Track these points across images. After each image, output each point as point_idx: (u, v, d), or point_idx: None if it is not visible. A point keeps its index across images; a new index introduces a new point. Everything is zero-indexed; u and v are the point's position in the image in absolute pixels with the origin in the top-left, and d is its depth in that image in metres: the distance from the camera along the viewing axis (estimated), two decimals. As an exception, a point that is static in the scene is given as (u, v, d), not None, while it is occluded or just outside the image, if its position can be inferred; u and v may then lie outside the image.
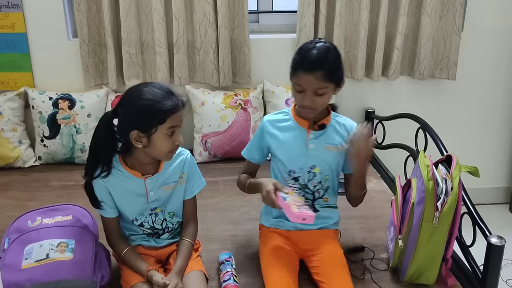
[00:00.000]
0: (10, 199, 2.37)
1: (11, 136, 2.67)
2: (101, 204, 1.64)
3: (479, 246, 1.74)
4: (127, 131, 1.54)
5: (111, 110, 1.59)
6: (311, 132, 1.78)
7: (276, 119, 1.84)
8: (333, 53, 1.66)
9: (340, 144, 1.79)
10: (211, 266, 1.82)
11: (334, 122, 1.81)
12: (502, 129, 3.22)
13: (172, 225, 1.75)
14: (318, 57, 1.64)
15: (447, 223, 1.62)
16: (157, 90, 1.53)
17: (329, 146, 1.78)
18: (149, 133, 1.53)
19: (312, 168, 1.80)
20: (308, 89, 1.66)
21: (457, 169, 1.65)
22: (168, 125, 1.54)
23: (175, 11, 2.64)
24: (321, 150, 1.78)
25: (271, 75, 2.92)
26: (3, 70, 2.79)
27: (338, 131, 1.80)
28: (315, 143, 1.78)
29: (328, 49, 1.66)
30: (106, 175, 1.61)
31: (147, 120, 1.52)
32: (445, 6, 2.82)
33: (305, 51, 1.67)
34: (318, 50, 1.65)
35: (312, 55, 1.64)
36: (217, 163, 2.76)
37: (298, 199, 1.65)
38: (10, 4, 2.68)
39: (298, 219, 1.56)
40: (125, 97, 1.58)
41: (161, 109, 1.51)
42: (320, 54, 1.64)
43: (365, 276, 1.78)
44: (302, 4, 2.73)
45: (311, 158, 1.79)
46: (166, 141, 1.56)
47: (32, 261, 1.51)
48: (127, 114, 1.55)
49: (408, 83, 3.03)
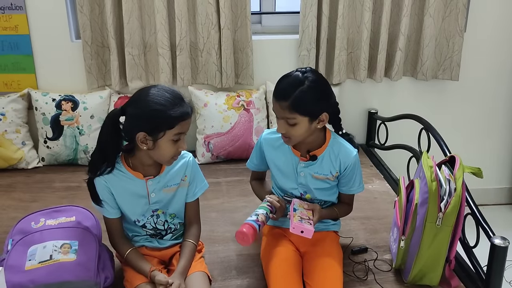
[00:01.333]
0: (13, 200, 2.37)
1: (14, 138, 2.67)
2: (102, 201, 1.64)
3: (482, 247, 1.74)
4: (133, 132, 1.55)
5: (119, 107, 1.59)
6: (301, 161, 1.78)
7: (273, 139, 1.84)
8: (305, 88, 1.62)
9: (331, 173, 1.79)
10: (214, 267, 1.82)
11: (328, 151, 1.78)
12: (505, 130, 3.21)
13: (174, 226, 1.76)
14: (285, 88, 1.64)
15: (450, 224, 1.62)
16: (169, 96, 1.54)
17: (318, 176, 1.79)
18: (156, 137, 1.53)
19: (303, 194, 1.84)
20: (279, 117, 1.68)
21: (460, 170, 1.65)
22: (176, 131, 1.54)
23: (178, 12, 2.64)
24: (310, 179, 1.80)
25: (274, 76, 2.87)
26: (7, 71, 2.80)
27: (330, 161, 1.78)
28: (305, 172, 1.79)
29: (299, 82, 1.62)
30: (109, 171, 1.62)
31: (157, 124, 1.53)
32: (448, 7, 2.81)
33: (281, 79, 1.69)
34: (289, 80, 1.65)
35: (281, 84, 1.67)
36: (220, 164, 2.76)
37: (306, 213, 1.70)
38: (13, 6, 2.69)
39: (297, 231, 1.62)
40: (136, 98, 1.58)
41: (171, 115, 1.52)
42: (289, 84, 1.64)
43: (368, 277, 1.78)
44: (305, 5, 2.73)
45: (301, 186, 1.82)
46: (171, 146, 1.56)
47: (36, 262, 1.51)
48: (136, 116, 1.55)
49: (411, 84, 3.03)
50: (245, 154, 2.75)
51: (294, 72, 1.67)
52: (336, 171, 1.78)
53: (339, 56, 2.80)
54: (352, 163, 1.78)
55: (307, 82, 1.63)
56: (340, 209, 1.87)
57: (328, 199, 1.86)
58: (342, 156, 1.77)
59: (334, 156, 1.78)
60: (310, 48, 2.80)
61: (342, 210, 1.88)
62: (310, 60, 2.82)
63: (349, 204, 1.90)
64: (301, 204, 1.76)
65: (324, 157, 1.77)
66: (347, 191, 1.85)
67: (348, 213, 1.91)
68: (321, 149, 1.77)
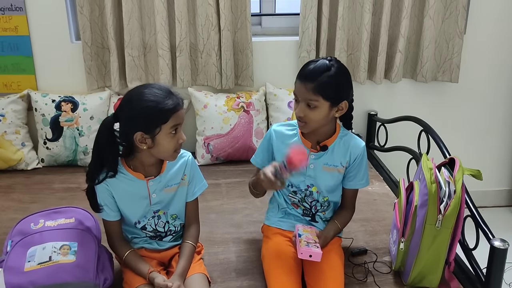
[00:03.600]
0: (13, 201, 2.37)
1: (14, 139, 2.67)
2: (101, 208, 1.65)
3: (482, 249, 1.74)
4: (130, 134, 1.55)
5: (111, 114, 1.60)
6: (311, 153, 1.79)
7: (283, 131, 1.85)
8: (332, 73, 1.67)
9: (341, 164, 1.80)
10: (214, 269, 1.82)
11: (338, 142, 1.80)
12: (505, 131, 3.21)
13: (174, 227, 1.75)
14: (313, 70, 1.67)
15: (450, 226, 1.62)
16: (157, 91, 1.55)
17: (328, 168, 1.80)
18: (153, 133, 1.54)
19: (310, 187, 1.83)
20: (301, 99, 1.69)
21: (460, 172, 1.65)
22: (171, 124, 1.55)
23: (178, 13, 2.64)
24: (320, 171, 1.80)
25: (274, 77, 2.92)
26: (6, 72, 2.80)
27: (340, 151, 1.79)
28: (315, 163, 1.80)
29: (327, 67, 1.67)
30: (112, 175, 1.62)
31: (151, 121, 1.53)
32: (448, 8, 2.81)
33: (307, 63, 1.72)
34: (317, 64, 1.69)
35: (309, 67, 1.69)
36: (219, 166, 2.76)
37: (312, 237, 1.70)
38: (13, 7, 2.69)
39: (305, 256, 1.63)
40: (126, 100, 1.59)
41: (163, 108, 1.53)
42: (316, 68, 1.68)
43: (368, 279, 1.78)
44: (305, 7, 2.73)
45: (309, 178, 1.82)
46: (171, 139, 1.57)
47: (35, 264, 1.51)
48: (130, 117, 1.56)
49: (410, 85, 3.03)
50: (245, 156, 2.75)
51: (321, 59, 1.71)
52: (346, 161, 1.79)
53: (339, 57, 2.79)
54: (361, 154, 1.80)
55: (333, 69, 1.67)
56: (341, 219, 1.86)
57: (332, 198, 1.85)
58: (352, 146, 1.79)
59: (345, 146, 1.79)
60: (310, 49, 2.80)
61: (342, 221, 1.86)
62: (310, 62, 2.82)
63: (351, 206, 1.89)
64: (305, 228, 1.76)
65: (334, 148, 1.79)
66: (354, 185, 1.84)
67: (349, 220, 1.89)
68: (331, 139, 1.79)
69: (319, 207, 1.85)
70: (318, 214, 1.87)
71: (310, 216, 1.87)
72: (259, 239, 1.95)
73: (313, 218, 1.87)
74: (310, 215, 1.87)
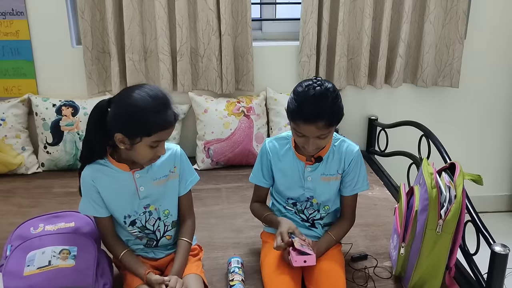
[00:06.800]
0: (12, 205, 2.37)
1: (14, 143, 2.67)
2: (90, 200, 1.62)
3: (482, 254, 1.73)
4: (112, 130, 1.51)
5: (106, 99, 1.55)
6: (307, 166, 1.78)
7: (276, 146, 1.83)
8: (331, 97, 1.60)
9: (337, 172, 1.79)
10: (214, 273, 1.81)
11: (332, 150, 1.78)
12: (505, 137, 3.21)
13: (164, 226, 1.72)
14: (318, 109, 1.57)
15: (450, 231, 1.61)
16: (151, 100, 1.47)
17: (325, 178, 1.79)
18: (133, 141, 1.50)
19: (310, 199, 1.82)
20: (312, 137, 1.64)
21: (460, 177, 1.65)
22: (154, 139, 1.50)
23: (179, 18, 2.65)
24: (318, 182, 1.80)
25: (274, 82, 2.92)
26: (7, 77, 2.80)
27: (335, 159, 1.79)
28: (312, 175, 1.79)
29: (325, 95, 1.58)
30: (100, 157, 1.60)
31: (133, 129, 1.49)
32: (448, 13, 2.82)
33: (303, 98, 1.60)
34: (315, 99, 1.58)
35: (311, 107, 1.58)
36: (219, 170, 2.76)
37: (305, 242, 1.69)
38: (14, 11, 2.69)
39: (300, 263, 1.62)
40: (119, 96, 1.55)
41: (149, 122, 1.47)
42: (317, 104, 1.58)
43: (368, 284, 1.77)
44: (305, 12, 2.74)
45: (308, 190, 1.81)
46: (149, 151, 1.53)
47: (34, 268, 1.51)
48: (115, 115, 1.51)
49: (411, 90, 3.03)
50: (245, 160, 2.75)
51: (310, 89, 1.60)
52: (341, 167, 1.79)
53: (339, 62, 2.80)
54: (355, 158, 1.78)
55: (330, 94, 1.60)
56: (336, 231, 1.83)
57: (333, 206, 1.85)
58: (346, 152, 1.78)
59: (338, 153, 1.78)
60: (311, 54, 2.81)
61: (339, 232, 1.84)
62: (310, 67, 2.83)
63: (350, 216, 1.87)
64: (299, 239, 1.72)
65: (329, 157, 1.78)
66: (351, 191, 1.82)
67: (346, 231, 1.87)
68: (325, 149, 1.77)
69: (319, 217, 1.86)
70: (317, 221, 1.87)
71: (310, 222, 1.87)
72: (259, 244, 1.94)
73: (312, 224, 1.87)
74: (309, 221, 1.87)
